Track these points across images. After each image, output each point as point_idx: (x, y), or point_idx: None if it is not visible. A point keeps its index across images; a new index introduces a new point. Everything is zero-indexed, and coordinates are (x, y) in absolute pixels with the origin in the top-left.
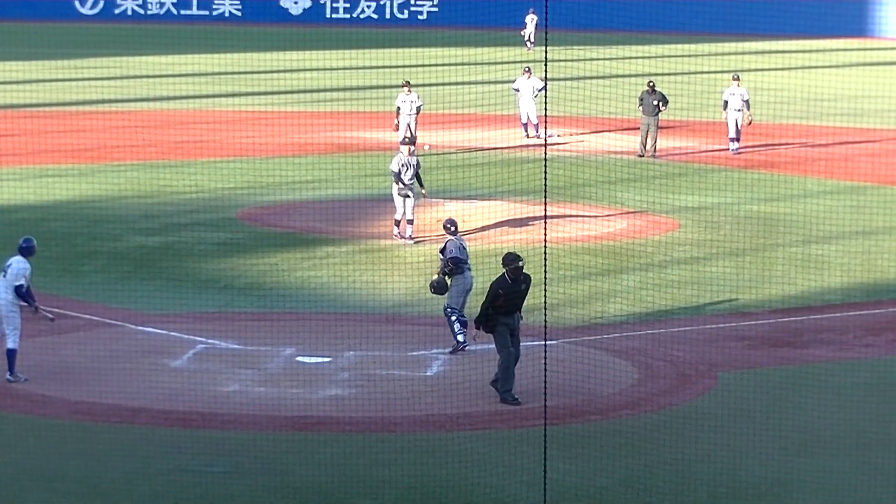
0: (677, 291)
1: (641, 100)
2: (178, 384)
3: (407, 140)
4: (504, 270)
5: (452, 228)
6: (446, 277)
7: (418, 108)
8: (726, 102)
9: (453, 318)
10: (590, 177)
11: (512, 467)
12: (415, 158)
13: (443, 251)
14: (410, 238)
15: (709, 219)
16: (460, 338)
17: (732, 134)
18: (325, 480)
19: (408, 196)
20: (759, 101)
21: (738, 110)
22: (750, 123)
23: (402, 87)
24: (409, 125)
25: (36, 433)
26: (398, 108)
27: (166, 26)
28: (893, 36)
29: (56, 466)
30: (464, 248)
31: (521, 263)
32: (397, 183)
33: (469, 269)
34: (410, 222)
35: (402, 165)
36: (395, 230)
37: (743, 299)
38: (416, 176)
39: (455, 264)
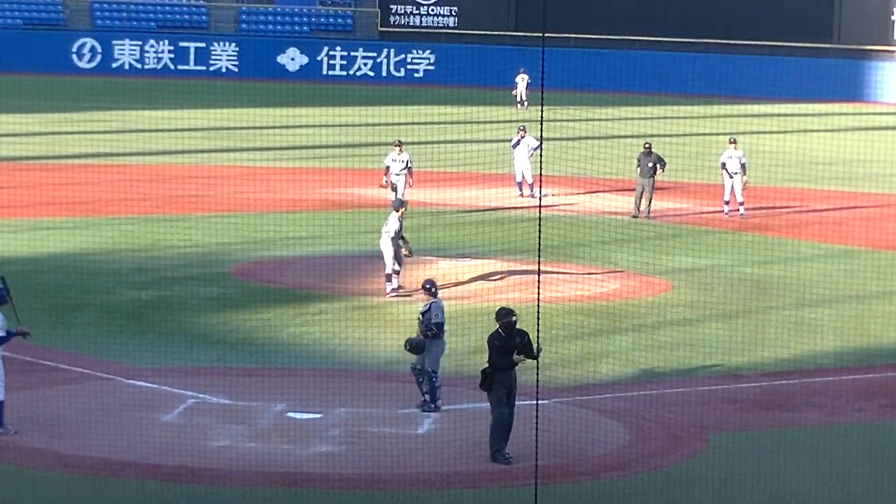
0: (669, 353)
1: (639, 161)
2: (169, 438)
3: (398, 204)
4: (498, 325)
5: (433, 290)
6: (426, 339)
7: (409, 168)
8: (724, 164)
9: (437, 383)
10: (584, 237)
11: None
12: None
13: (425, 313)
14: (400, 288)
15: (702, 280)
16: (439, 402)
17: (727, 197)
18: None
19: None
20: (755, 163)
21: (735, 173)
22: (745, 188)
23: (395, 146)
24: (396, 186)
25: (25, 486)
26: (387, 167)
27: (163, 81)
28: (888, 101)
29: None
30: (443, 311)
31: (514, 318)
32: (395, 241)
33: (444, 333)
34: (397, 272)
35: (398, 229)
36: (388, 287)
37: (735, 362)
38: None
39: (439, 329)
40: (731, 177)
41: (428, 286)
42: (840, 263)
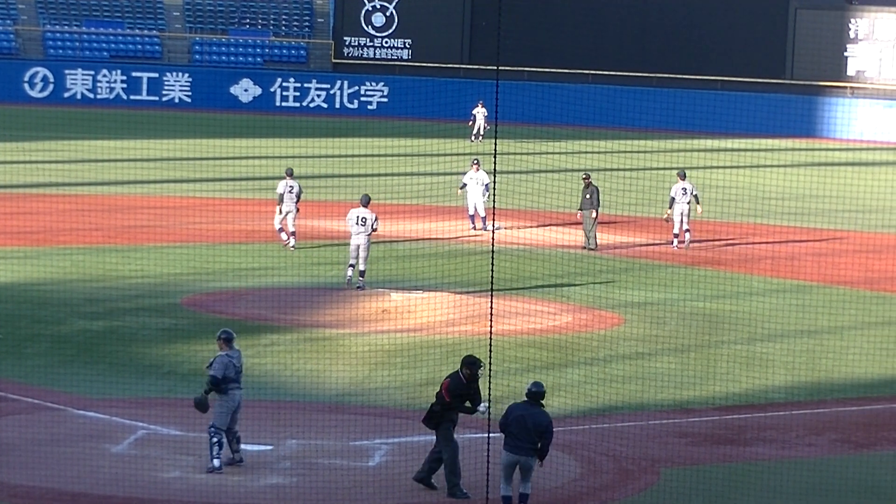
0: (621, 386)
1: (581, 193)
2: (119, 469)
3: (366, 200)
4: (462, 370)
5: (228, 340)
6: (207, 395)
7: (298, 196)
8: (672, 199)
9: (214, 439)
10: (536, 270)
11: None
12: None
13: (209, 366)
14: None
15: (654, 314)
16: (216, 462)
17: (677, 230)
18: None
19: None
20: (707, 198)
21: (688, 203)
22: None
23: (286, 175)
24: (287, 213)
25: None
26: (280, 195)
27: (116, 111)
28: (841, 137)
29: None
30: (234, 364)
31: (479, 372)
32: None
33: (239, 389)
34: (362, 273)
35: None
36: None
37: (686, 396)
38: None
39: (214, 385)
40: (686, 204)
41: (221, 335)
42: (791, 298)
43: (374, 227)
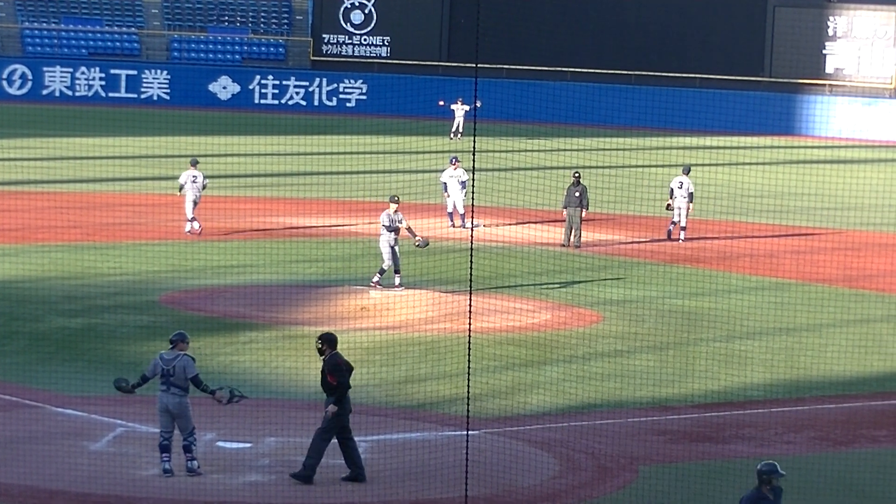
0: (600, 384)
1: (567, 191)
2: (97, 467)
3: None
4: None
5: (171, 341)
6: (130, 385)
7: (204, 185)
8: (672, 191)
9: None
10: (515, 267)
11: None
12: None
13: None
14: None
15: (632, 312)
16: (165, 465)
17: (676, 218)
18: None
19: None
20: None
21: (684, 198)
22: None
23: (191, 165)
24: (194, 200)
25: None
26: (182, 185)
27: (94, 108)
28: (820, 134)
29: None
30: (161, 366)
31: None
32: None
33: (167, 393)
34: (397, 271)
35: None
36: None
37: (665, 393)
38: None
39: (141, 380)
40: (683, 199)
41: (178, 338)
42: (770, 296)
43: (385, 224)
